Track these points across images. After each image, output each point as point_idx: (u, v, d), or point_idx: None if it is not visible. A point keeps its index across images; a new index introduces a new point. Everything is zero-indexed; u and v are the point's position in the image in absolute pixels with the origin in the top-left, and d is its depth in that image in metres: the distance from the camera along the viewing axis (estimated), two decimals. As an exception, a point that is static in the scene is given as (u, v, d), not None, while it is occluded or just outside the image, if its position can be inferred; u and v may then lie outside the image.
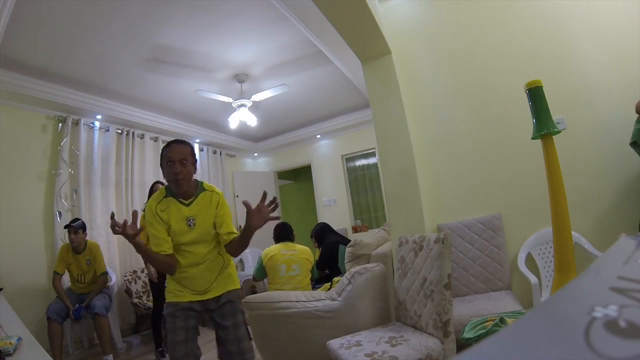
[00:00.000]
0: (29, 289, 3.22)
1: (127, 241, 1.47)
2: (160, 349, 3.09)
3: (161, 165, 1.61)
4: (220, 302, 1.64)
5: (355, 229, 5.91)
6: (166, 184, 1.66)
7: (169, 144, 1.60)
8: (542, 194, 1.43)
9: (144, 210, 3.34)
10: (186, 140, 1.71)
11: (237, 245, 1.60)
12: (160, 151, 1.60)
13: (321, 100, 5.06)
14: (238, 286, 1.71)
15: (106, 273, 3.17)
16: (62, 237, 3.40)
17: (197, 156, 5.60)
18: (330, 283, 2.90)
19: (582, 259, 2.06)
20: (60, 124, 3.76)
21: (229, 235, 1.61)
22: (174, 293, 1.63)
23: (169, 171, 1.55)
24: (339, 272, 3.15)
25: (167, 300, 1.65)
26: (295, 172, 7.59)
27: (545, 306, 0.19)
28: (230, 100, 4.02)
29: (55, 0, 2.46)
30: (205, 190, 1.65)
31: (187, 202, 1.60)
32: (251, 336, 1.61)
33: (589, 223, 2.18)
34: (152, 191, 3.26)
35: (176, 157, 1.54)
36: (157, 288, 3.22)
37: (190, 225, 1.57)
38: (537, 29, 2.40)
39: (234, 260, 1.77)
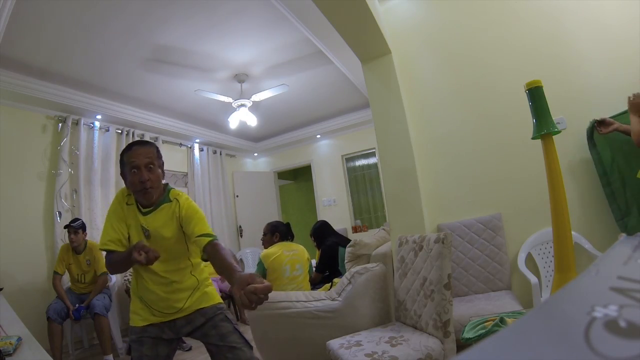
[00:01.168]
0: (29, 289, 3.22)
1: None
2: None
3: (122, 173, 1.36)
4: (195, 324, 1.40)
5: (355, 229, 5.92)
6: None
7: (129, 147, 1.35)
8: (542, 194, 1.43)
9: None
10: (150, 142, 1.48)
11: (215, 266, 1.21)
12: (120, 156, 1.36)
13: (321, 100, 5.06)
14: (217, 301, 1.47)
15: (106, 273, 3.17)
16: (62, 237, 3.40)
17: (197, 156, 5.72)
18: (330, 283, 2.90)
19: (582, 259, 2.06)
20: (60, 124, 3.76)
21: (203, 238, 1.28)
22: (138, 314, 1.39)
23: (134, 180, 1.30)
24: (340, 274, 3.14)
25: (130, 324, 1.40)
26: (295, 172, 7.59)
27: (545, 306, 0.19)
28: (230, 100, 4.02)
29: (55, 0, 2.46)
30: (169, 201, 1.40)
31: (144, 210, 1.37)
32: (250, 343, 1.42)
33: (589, 223, 2.18)
34: None
35: (141, 161, 1.30)
36: None
37: (145, 235, 1.35)
38: (537, 29, 2.40)
39: (211, 280, 1.54)
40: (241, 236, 6.00)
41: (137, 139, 4.54)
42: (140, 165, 1.31)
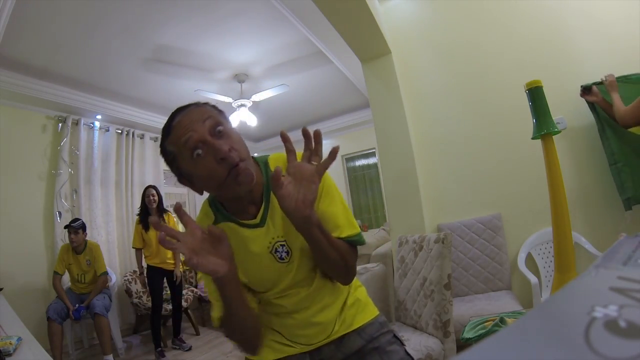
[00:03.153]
0: (29, 289, 3.22)
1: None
2: (160, 349, 3.10)
3: (174, 167, 0.77)
4: (351, 349, 0.89)
5: (355, 229, 5.92)
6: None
7: (171, 120, 0.75)
8: (542, 194, 1.43)
9: (138, 215, 3.36)
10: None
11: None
12: (161, 147, 0.77)
13: (321, 100, 5.06)
14: (375, 313, 0.95)
15: (106, 273, 3.18)
16: (62, 237, 3.40)
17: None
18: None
19: (582, 259, 2.06)
20: (60, 124, 3.76)
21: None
22: (272, 347, 0.90)
23: (207, 164, 0.70)
24: None
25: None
26: (295, 172, 7.58)
27: (545, 306, 0.19)
28: (230, 100, 4.02)
29: (55, 0, 2.46)
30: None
31: (254, 220, 0.80)
32: None
33: (589, 223, 2.18)
34: (144, 198, 3.26)
35: (200, 129, 0.71)
36: (153, 288, 3.23)
37: (281, 258, 0.80)
38: (537, 29, 2.40)
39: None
40: (241, 236, 6.01)
41: (137, 139, 4.53)
42: (203, 136, 0.70)
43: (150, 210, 3.22)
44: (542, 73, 1.71)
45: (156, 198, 3.24)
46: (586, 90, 2.06)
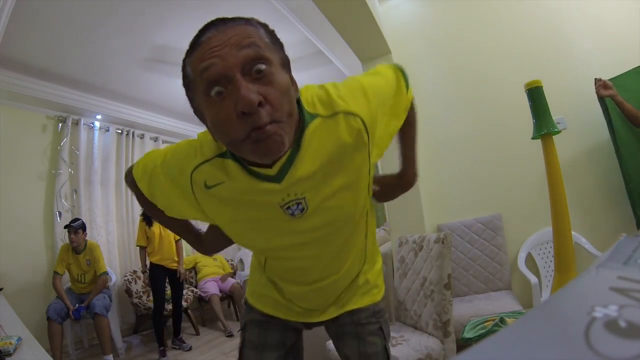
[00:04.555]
0: (29, 289, 3.22)
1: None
2: (162, 348, 3.11)
3: (188, 95, 0.60)
4: (341, 323, 0.87)
5: (355, 229, 5.91)
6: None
7: (206, 27, 0.57)
8: (542, 194, 1.43)
9: (141, 215, 3.36)
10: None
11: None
12: (182, 69, 0.58)
13: (321, 100, 5.06)
14: (378, 297, 0.89)
15: (106, 273, 3.17)
16: (62, 237, 3.40)
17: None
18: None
19: (582, 259, 2.06)
20: (60, 124, 3.76)
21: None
22: (260, 295, 0.87)
23: (223, 111, 0.52)
24: None
25: (249, 300, 0.90)
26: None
27: (545, 306, 0.19)
28: (230, 100, 4.02)
29: (55, 0, 2.46)
30: (312, 116, 0.63)
31: (268, 170, 0.61)
32: None
33: (589, 223, 2.18)
34: None
35: (235, 59, 0.51)
36: (155, 286, 3.24)
37: (292, 214, 0.65)
38: (537, 29, 2.40)
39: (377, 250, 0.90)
40: (241, 236, 6.00)
41: (137, 139, 4.53)
42: (231, 70, 0.51)
43: None
44: (542, 73, 1.71)
45: None
46: (600, 84, 1.98)
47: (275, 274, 0.81)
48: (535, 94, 1.28)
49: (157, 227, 3.22)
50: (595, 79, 2.01)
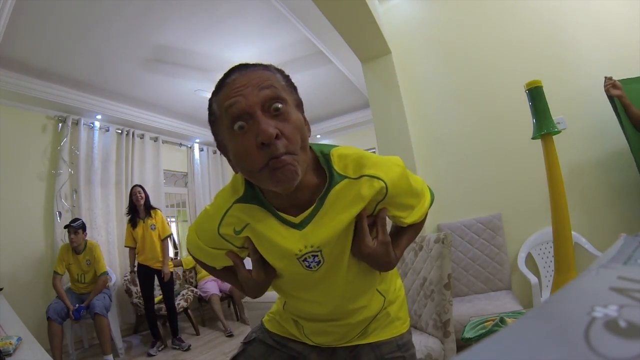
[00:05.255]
0: (29, 289, 3.22)
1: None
2: (154, 340, 3.21)
3: (213, 130, 0.68)
4: (359, 354, 0.84)
5: (355, 229, 5.91)
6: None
7: (231, 71, 0.64)
8: (542, 194, 1.43)
9: (126, 214, 3.38)
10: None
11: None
12: (208, 107, 0.68)
13: (321, 100, 5.06)
14: (398, 331, 0.85)
15: (106, 273, 3.18)
16: (62, 237, 3.40)
17: (197, 156, 5.71)
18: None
19: (582, 259, 2.06)
20: (60, 124, 3.76)
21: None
22: (278, 323, 0.90)
23: (245, 143, 0.59)
24: None
25: (263, 325, 0.93)
26: (295, 172, 7.57)
27: (545, 306, 0.19)
28: (230, 100, 4.02)
29: (55, 0, 2.46)
30: (342, 177, 0.67)
31: (292, 218, 0.68)
32: None
33: (589, 223, 2.18)
34: (131, 196, 3.31)
35: (253, 97, 0.59)
36: (143, 287, 3.27)
37: (309, 267, 0.70)
38: (537, 29, 2.40)
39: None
40: (241, 236, 6.00)
41: (137, 139, 4.53)
42: (252, 107, 0.58)
43: (137, 208, 3.30)
44: (542, 73, 1.71)
45: (143, 196, 3.32)
46: (611, 83, 1.93)
47: (294, 312, 0.84)
48: (535, 94, 1.28)
49: (140, 228, 3.25)
50: (605, 77, 1.99)
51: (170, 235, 3.44)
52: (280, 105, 0.60)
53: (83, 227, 3.13)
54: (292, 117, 0.61)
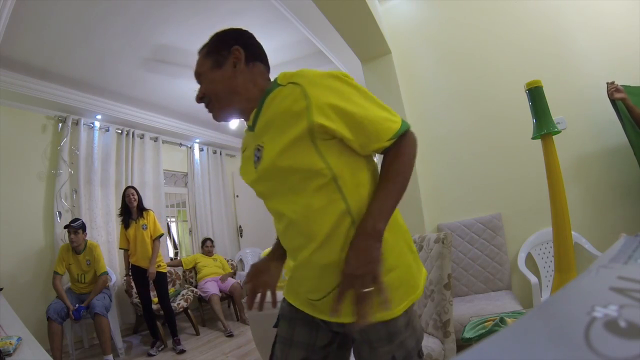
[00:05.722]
0: (29, 289, 3.22)
1: None
2: (154, 340, 3.21)
3: None
4: (354, 339, 0.83)
5: (355, 229, 5.90)
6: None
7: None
8: (542, 194, 1.43)
9: (119, 215, 3.39)
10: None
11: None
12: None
13: (321, 100, 5.06)
14: (396, 312, 0.75)
15: (106, 273, 3.18)
16: (62, 237, 3.40)
17: (197, 156, 5.70)
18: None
19: (582, 259, 2.06)
20: (60, 124, 3.76)
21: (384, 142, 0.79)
22: (289, 287, 0.92)
23: None
24: None
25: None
26: (295, 172, 7.56)
27: (545, 306, 0.19)
28: (230, 100, 4.02)
29: (55, 0, 2.46)
30: (277, 85, 0.82)
31: (250, 123, 0.86)
32: None
33: (589, 223, 2.18)
34: (124, 198, 3.33)
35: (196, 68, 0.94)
36: (137, 289, 3.28)
37: (256, 159, 0.81)
38: (537, 29, 2.40)
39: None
40: (241, 236, 6.00)
41: (137, 139, 4.55)
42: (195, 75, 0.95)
43: (130, 209, 3.30)
44: (542, 73, 1.71)
45: (136, 197, 3.33)
46: (613, 87, 1.95)
47: (281, 240, 0.88)
48: (535, 94, 1.28)
49: (132, 229, 3.26)
50: (608, 82, 2.00)
51: (162, 235, 3.43)
52: (199, 79, 0.91)
53: (83, 227, 3.13)
54: (208, 79, 0.88)
